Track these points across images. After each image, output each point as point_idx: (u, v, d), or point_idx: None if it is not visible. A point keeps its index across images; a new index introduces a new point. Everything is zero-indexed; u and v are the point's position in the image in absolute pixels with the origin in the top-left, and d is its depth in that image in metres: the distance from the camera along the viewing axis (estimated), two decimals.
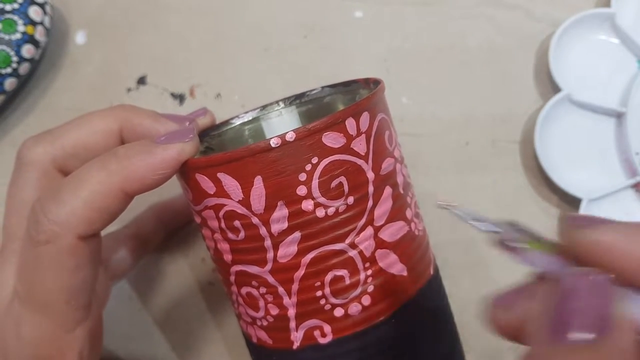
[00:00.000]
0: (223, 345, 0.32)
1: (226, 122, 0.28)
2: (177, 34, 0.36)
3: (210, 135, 0.27)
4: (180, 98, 0.35)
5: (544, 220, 0.32)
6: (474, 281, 0.32)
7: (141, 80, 0.35)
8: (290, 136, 0.19)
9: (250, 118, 0.28)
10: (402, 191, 0.23)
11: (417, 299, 0.23)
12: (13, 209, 0.23)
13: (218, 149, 0.27)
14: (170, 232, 0.32)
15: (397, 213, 0.22)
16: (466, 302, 0.32)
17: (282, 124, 0.28)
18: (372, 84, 0.25)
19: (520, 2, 0.34)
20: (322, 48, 0.35)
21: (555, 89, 0.32)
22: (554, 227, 0.32)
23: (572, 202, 0.32)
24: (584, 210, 0.31)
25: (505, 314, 0.16)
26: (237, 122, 0.28)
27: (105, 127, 0.24)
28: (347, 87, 0.27)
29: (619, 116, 0.32)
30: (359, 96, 0.27)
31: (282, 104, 0.28)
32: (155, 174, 0.20)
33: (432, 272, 0.24)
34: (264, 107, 0.28)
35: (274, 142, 0.19)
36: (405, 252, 0.22)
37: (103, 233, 0.22)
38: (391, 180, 0.22)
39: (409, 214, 0.23)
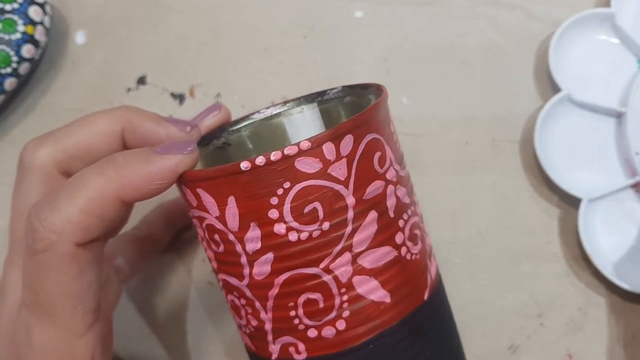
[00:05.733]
0: (222, 346, 0.32)
1: (246, 117, 0.27)
2: (177, 34, 0.36)
3: (229, 131, 0.27)
4: (180, 98, 0.35)
5: (544, 220, 0.32)
6: (474, 281, 0.32)
7: (141, 80, 0.35)
8: (260, 160, 0.19)
9: (272, 114, 0.27)
10: (392, 215, 0.22)
11: (400, 327, 0.22)
12: (18, 212, 0.23)
13: (236, 144, 0.27)
14: (178, 230, 0.32)
15: (382, 238, 0.21)
16: (466, 302, 0.32)
17: (303, 121, 0.27)
18: (378, 93, 0.24)
19: (520, 2, 0.34)
20: (322, 48, 0.35)
21: (555, 89, 0.32)
22: (554, 227, 0.32)
23: (572, 202, 0.32)
24: (583, 210, 0.31)
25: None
26: (258, 117, 0.27)
27: (108, 129, 0.23)
28: (364, 89, 0.26)
29: (619, 116, 0.32)
30: (369, 103, 0.26)
31: (304, 101, 0.27)
32: (152, 183, 0.20)
33: (426, 297, 0.23)
34: (285, 103, 0.27)
35: (243, 166, 0.19)
36: (390, 279, 0.22)
37: None
38: (378, 204, 0.21)
39: (399, 238, 0.22)
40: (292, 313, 0.21)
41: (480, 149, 0.33)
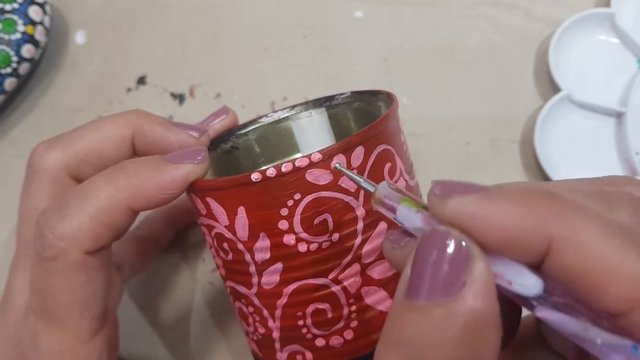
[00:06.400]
0: (223, 345, 0.32)
1: (254, 121, 0.27)
2: (177, 34, 0.36)
3: (236, 135, 0.27)
4: (180, 98, 0.35)
5: None
6: None
7: (141, 80, 0.35)
8: (271, 172, 0.19)
9: (279, 118, 0.27)
10: None
11: None
12: (26, 216, 0.23)
13: (244, 148, 0.27)
14: (179, 230, 0.32)
15: None
16: None
17: (311, 126, 0.27)
18: (388, 101, 0.24)
19: (520, 2, 0.34)
20: (322, 48, 0.35)
21: (555, 89, 0.32)
22: None
23: None
24: None
25: (393, 250, 0.17)
26: (266, 121, 0.27)
27: (118, 134, 0.23)
28: (374, 96, 0.26)
29: (619, 116, 0.32)
30: (378, 109, 0.26)
31: (312, 105, 0.27)
32: (163, 192, 0.20)
33: None
34: (293, 107, 0.28)
35: (254, 177, 0.19)
36: None
37: None
38: None
39: None
40: (300, 322, 0.21)
41: (480, 149, 0.33)
